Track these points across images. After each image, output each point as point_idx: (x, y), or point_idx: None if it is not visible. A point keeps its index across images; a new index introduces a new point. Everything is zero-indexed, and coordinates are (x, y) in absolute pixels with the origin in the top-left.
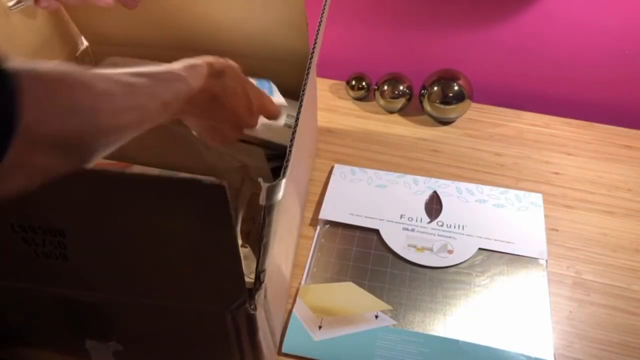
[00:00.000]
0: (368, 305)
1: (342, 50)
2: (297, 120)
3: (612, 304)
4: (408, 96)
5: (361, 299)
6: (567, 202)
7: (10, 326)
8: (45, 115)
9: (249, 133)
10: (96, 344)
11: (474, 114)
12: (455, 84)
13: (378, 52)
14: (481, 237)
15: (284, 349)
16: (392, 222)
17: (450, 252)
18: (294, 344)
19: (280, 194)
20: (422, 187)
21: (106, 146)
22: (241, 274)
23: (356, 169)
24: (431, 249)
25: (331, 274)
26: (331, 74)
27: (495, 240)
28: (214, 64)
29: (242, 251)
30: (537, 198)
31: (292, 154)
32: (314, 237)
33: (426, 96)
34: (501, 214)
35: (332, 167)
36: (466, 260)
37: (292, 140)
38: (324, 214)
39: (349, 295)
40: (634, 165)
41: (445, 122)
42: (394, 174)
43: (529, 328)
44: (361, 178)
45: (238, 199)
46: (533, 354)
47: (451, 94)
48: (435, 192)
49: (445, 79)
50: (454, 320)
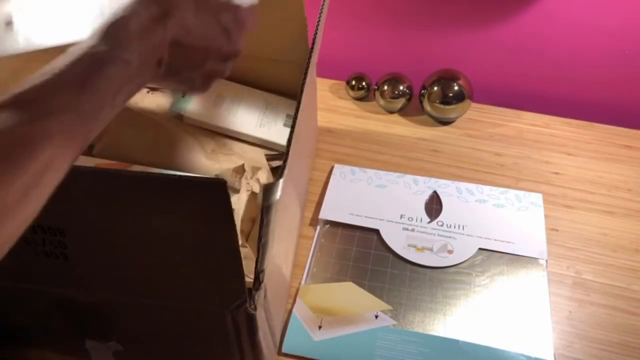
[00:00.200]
0: (368, 305)
1: (342, 50)
2: (295, 121)
3: (612, 304)
4: (408, 96)
5: (361, 299)
6: (567, 202)
7: (10, 326)
8: None
9: (249, 133)
10: (96, 344)
11: (474, 114)
12: (455, 84)
13: (378, 52)
14: (481, 237)
15: (284, 349)
16: (392, 222)
17: (450, 252)
18: (294, 344)
19: (278, 194)
20: (422, 187)
21: None
22: (241, 273)
23: (356, 169)
24: (431, 249)
25: (331, 274)
26: (331, 74)
27: (495, 240)
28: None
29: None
30: (537, 198)
31: (291, 154)
32: (314, 237)
33: (426, 96)
34: (501, 214)
35: (332, 167)
36: (466, 260)
37: (290, 140)
38: (324, 214)
39: (349, 295)
40: (634, 165)
41: (445, 122)
42: (394, 174)
43: (529, 328)
44: (361, 178)
45: (238, 199)
46: (533, 354)
47: (451, 94)
48: (435, 192)
49: (445, 79)
50: (454, 320)
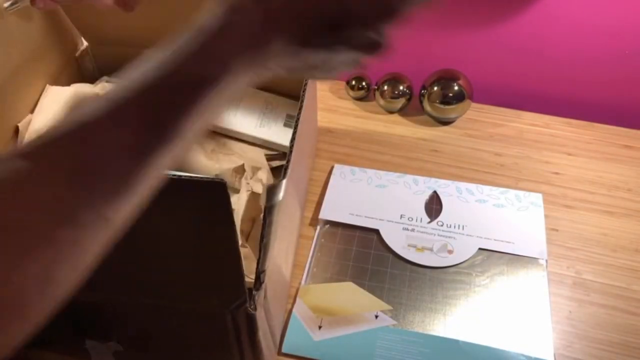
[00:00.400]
0: (368, 305)
1: None
2: (297, 121)
3: (612, 304)
4: (408, 96)
5: (361, 299)
6: (567, 202)
7: None
8: None
9: (249, 133)
10: (96, 344)
11: (474, 114)
12: (455, 84)
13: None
14: (481, 237)
15: (284, 349)
16: (392, 222)
17: (450, 252)
18: (294, 344)
19: (281, 195)
20: (422, 187)
21: None
22: (241, 273)
23: (356, 169)
24: (431, 249)
25: (331, 274)
26: None
27: (495, 240)
28: None
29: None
30: (537, 198)
31: (293, 154)
32: (314, 237)
33: (426, 96)
34: (501, 214)
35: (332, 167)
36: (466, 260)
37: (292, 141)
38: (324, 214)
39: (349, 295)
40: (634, 165)
41: (445, 122)
42: (394, 174)
43: (529, 328)
44: (361, 178)
45: (238, 199)
46: (533, 354)
47: (451, 94)
48: (435, 192)
49: (445, 79)
50: (454, 320)
